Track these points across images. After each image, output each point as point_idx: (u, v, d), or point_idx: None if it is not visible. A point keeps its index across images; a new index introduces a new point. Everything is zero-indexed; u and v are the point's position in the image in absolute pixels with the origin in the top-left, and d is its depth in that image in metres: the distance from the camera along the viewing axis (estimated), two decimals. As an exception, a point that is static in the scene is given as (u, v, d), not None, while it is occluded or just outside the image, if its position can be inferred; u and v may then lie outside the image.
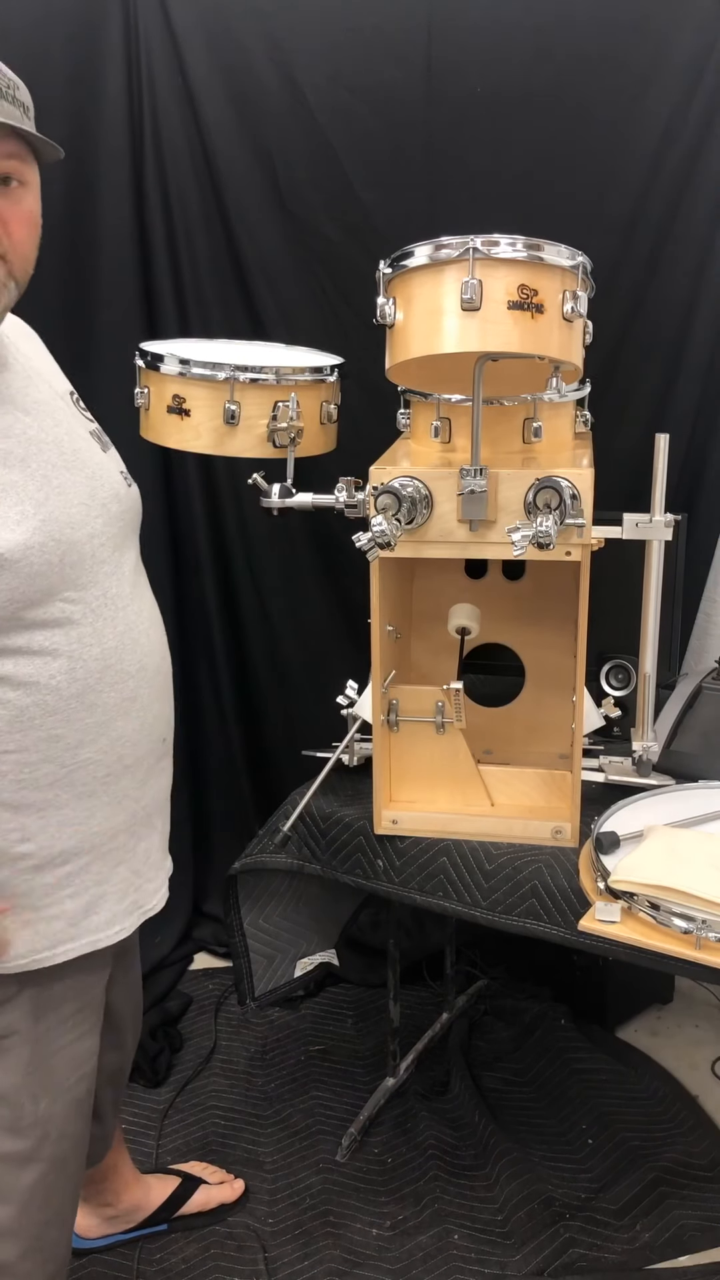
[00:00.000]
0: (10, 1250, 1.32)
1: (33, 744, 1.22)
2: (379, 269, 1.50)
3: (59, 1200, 1.37)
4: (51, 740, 1.24)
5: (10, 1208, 1.31)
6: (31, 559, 1.18)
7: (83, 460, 1.30)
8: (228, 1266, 1.83)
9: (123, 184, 2.34)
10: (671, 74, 2.13)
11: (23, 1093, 1.29)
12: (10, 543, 1.17)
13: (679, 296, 2.24)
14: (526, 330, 1.44)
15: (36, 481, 1.22)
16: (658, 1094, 2.20)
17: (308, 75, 2.26)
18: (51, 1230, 1.37)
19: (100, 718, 1.27)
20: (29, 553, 1.18)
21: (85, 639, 1.25)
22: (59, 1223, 1.39)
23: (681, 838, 1.49)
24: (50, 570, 1.20)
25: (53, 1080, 1.32)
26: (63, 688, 1.23)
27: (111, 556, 1.30)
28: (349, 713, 1.87)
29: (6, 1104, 1.29)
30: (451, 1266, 1.82)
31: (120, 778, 1.31)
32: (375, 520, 1.50)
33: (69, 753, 1.25)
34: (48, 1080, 1.32)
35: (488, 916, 1.67)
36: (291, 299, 2.40)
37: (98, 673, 1.26)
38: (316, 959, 2.33)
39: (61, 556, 1.22)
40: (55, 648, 1.22)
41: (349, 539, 1.52)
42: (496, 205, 2.22)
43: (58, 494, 1.24)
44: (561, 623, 1.83)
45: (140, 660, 1.32)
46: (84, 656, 1.25)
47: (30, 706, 1.21)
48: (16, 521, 1.18)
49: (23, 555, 1.17)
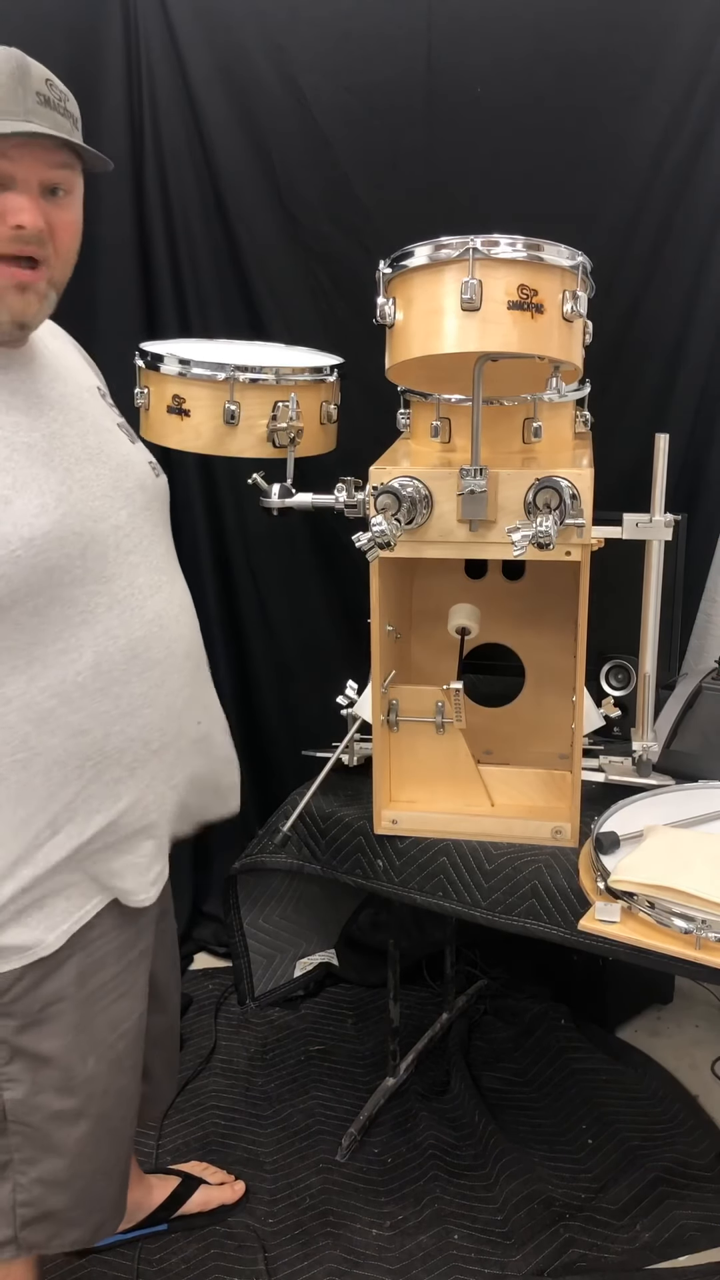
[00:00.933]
0: (61, 1199, 1.38)
1: (61, 742, 1.24)
2: (379, 269, 1.50)
3: (106, 1153, 1.43)
4: (79, 735, 1.25)
5: (62, 1160, 1.37)
6: (51, 552, 1.19)
7: (107, 453, 1.32)
8: (228, 1266, 1.83)
9: (123, 184, 2.34)
10: (671, 74, 2.13)
11: (72, 1053, 1.34)
12: (32, 535, 1.18)
13: (679, 296, 2.24)
14: (526, 330, 1.44)
15: (59, 475, 1.24)
16: (658, 1094, 2.20)
17: (308, 75, 2.26)
18: (99, 1181, 1.43)
19: (126, 708, 1.28)
20: (50, 545, 1.19)
21: (112, 631, 1.26)
22: (106, 1175, 1.44)
23: (681, 838, 1.49)
24: (71, 564, 1.22)
25: (96, 1040, 1.38)
26: (88, 683, 1.24)
27: (139, 546, 1.32)
28: (349, 713, 1.87)
29: (58, 1066, 1.34)
30: (451, 1266, 1.82)
31: (148, 762, 1.33)
32: (375, 520, 1.50)
33: (95, 746, 1.27)
34: (93, 1040, 1.37)
35: (488, 916, 1.67)
36: (291, 299, 2.40)
37: (123, 664, 1.27)
38: (316, 959, 2.34)
39: (84, 549, 1.23)
40: (80, 644, 1.24)
41: (349, 539, 1.52)
42: (496, 205, 2.23)
43: (80, 487, 1.26)
44: (561, 623, 1.83)
45: (168, 646, 1.34)
46: (110, 650, 1.26)
47: (57, 707, 1.23)
48: (36, 514, 1.19)
49: (45, 547, 1.19)
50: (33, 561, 1.18)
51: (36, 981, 1.30)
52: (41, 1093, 1.34)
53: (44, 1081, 1.34)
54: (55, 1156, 1.37)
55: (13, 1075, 1.32)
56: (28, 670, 1.21)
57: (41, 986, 1.30)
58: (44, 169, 1.18)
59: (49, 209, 1.20)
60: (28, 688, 1.21)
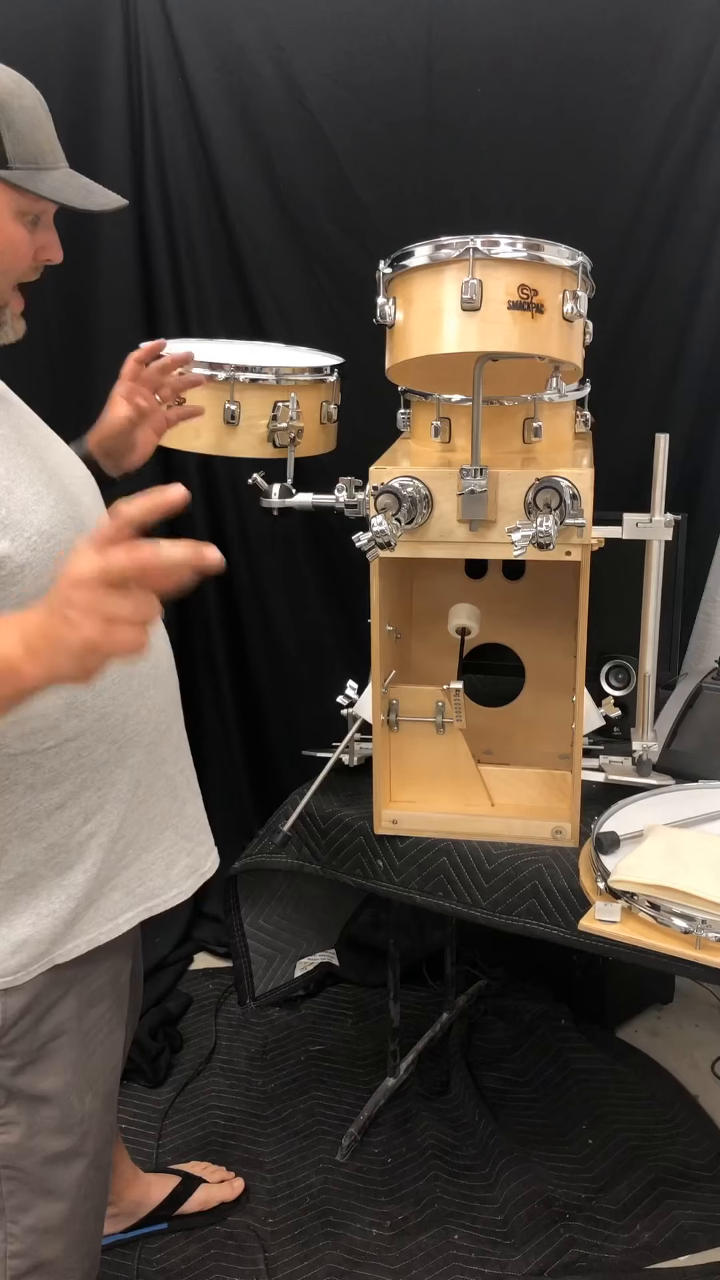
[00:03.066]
0: (57, 1247, 1.34)
1: (88, 726, 1.25)
2: (379, 269, 1.50)
3: (98, 1192, 1.40)
4: (102, 719, 1.26)
5: (62, 1204, 1.33)
6: (59, 535, 1.20)
7: (53, 441, 1.34)
8: (228, 1266, 1.83)
9: (123, 184, 2.34)
10: (671, 74, 2.13)
11: (70, 1092, 1.31)
12: (40, 521, 1.19)
13: (679, 296, 2.24)
14: (526, 330, 1.44)
15: (38, 463, 1.24)
16: (658, 1094, 2.20)
17: (308, 75, 2.26)
18: (90, 1222, 1.40)
19: (137, 688, 1.30)
20: (56, 529, 1.20)
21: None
22: (96, 1215, 1.41)
23: (681, 838, 1.49)
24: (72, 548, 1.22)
25: (93, 1076, 1.35)
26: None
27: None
28: (349, 713, 1.87)
29: (56, 1104, 1.30)
30: (451, 1266, 1.82)
31: (160, 744, 1.35)
32: (375, 520, 1.50)
33: (118, 728, 1.28)
34: (90, 1076, 1.34)
35: (488, 916, 1.67)
36: (291, 299, 2.41)
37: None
38: (316, 959, 2.34)
39: (77, 534, 1.24)
40: None
41: (349, 539, 1.52)
42: (496, 205, 2.23)
43: (55, 473, 1.27)
44: (561, 623, 1.83)
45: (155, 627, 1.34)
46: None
47: (80, 691, 1.24)
48: (35, 502, 1.20)
49: (52, 532, 1.20)
50: (46, 547, 1.19)
51: (38, 1018, 1.27)
52: (38, 1134, 1.29)
53: (41, 1123, 1.30)
54: (53, 1200, 1.32)
55: (8, 1118, 1.28)
56: None
57: (43, 1023, 1.28)
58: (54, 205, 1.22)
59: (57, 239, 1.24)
60: None
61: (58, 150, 1.20)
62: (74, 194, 1.18)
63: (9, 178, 1.14)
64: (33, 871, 1.24)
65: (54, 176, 1.17)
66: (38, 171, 1.16)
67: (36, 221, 1.20)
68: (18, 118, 1.13)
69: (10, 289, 1.21)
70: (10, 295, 1.22)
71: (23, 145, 1.14)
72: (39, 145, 1.16)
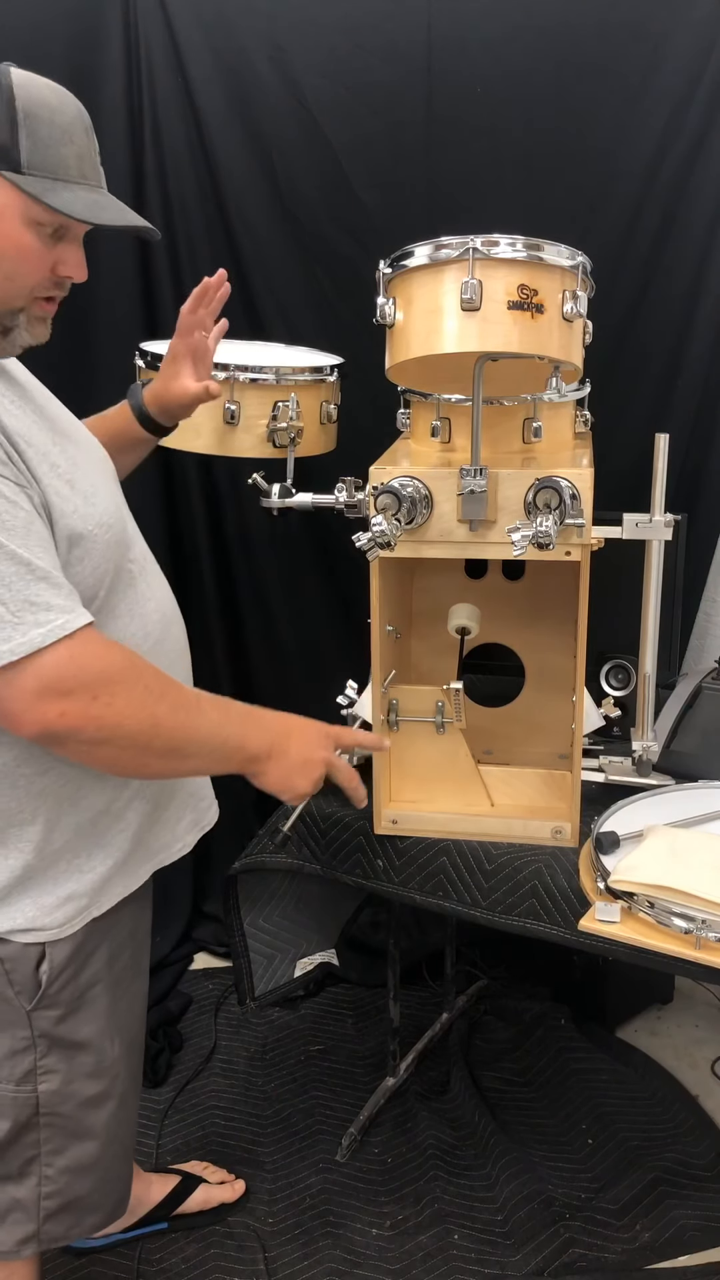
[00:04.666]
0: (86, 1184, 1.41)
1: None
2: (379, 269, 1.50)
3: (125, 1133, 1.49)
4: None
5: (93, 1144, 1.41)
6: (114, 526, 1.28)
7: (81, 433, 1.39)
8: (228, 1266, 1.83)
9: (123, 185, 2.34)
10: (671, 74, 2.13)
11: (104, 1037, 1.39)
12: (99, 513, 1.26)
13: (679, 296, 2.24)
14: (526, 330, 1.44)
15: (77, 456, 1.29)
16: (658, 1094, 2.20)
17: (308, 75, 2.26)
18: (118, 1163, 1.47)
19: (165, 663, 1.34)
20: (110, 519, 1.28)
21: (144, 594, 1.35)
22: (123, 1154, 1.49)
23: (681, 838, 1.49)
24: (121, 535, 1.31)
25: (121, 1022, 1.43)
26: (140, 644, 1.32)
27: (129, 515, 1.40)
28: (349, 713, 1.87)
29: (92, 1050, 1.39)
30: (451, 1266, 1.82)
31: None
32: (375, 520, 1.50)
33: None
34: (119, 1022, 1.42)
35: (488, 916, 1.67)
36: (291, 299, 2.41)
37: (158, 623, 1.37)
38: (316, 959, 2.33)
39: (123, 521, 1.33)
40: (130, 608, 1.32)
41: (349, 539, 1.52)
42: (496, 205, 2.23)
43: (90, 465, 1.32)
44: (561, 623, 1.83)
45: (174, 606, 1.44)
46: (147, 611, 1.35)
47: None
48: (92, 493, 1.26)
49: (109, 523, 1.27)
50: (106, 538, 1.26)
51: (79, 968, 1.35)
52: (75, 1080, 1.38)
53: (78, 1068, 1.38)
54: (86, 1141, 1.40)
55: (49, 1067, 1.36)
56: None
57: (83, 973, 1.36)
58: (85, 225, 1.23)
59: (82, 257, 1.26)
60: None
61: (88, 169, 1.20)
62: (80, 207, 1.18)
63: (20, 183, 1.14)
64: (79, 836, 1.32)
65: (72, 192, 1.17)
66: (54, 183, 1.16)
67: (61, 236, 1.20)
68: (43, 129, 1.14)
69: (26, 297, 1.21)
70: (27, 302, 1.21)
71: (41, 155, 1.14)
72: (62, 159, 1.16)
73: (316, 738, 1.41)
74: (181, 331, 1.57)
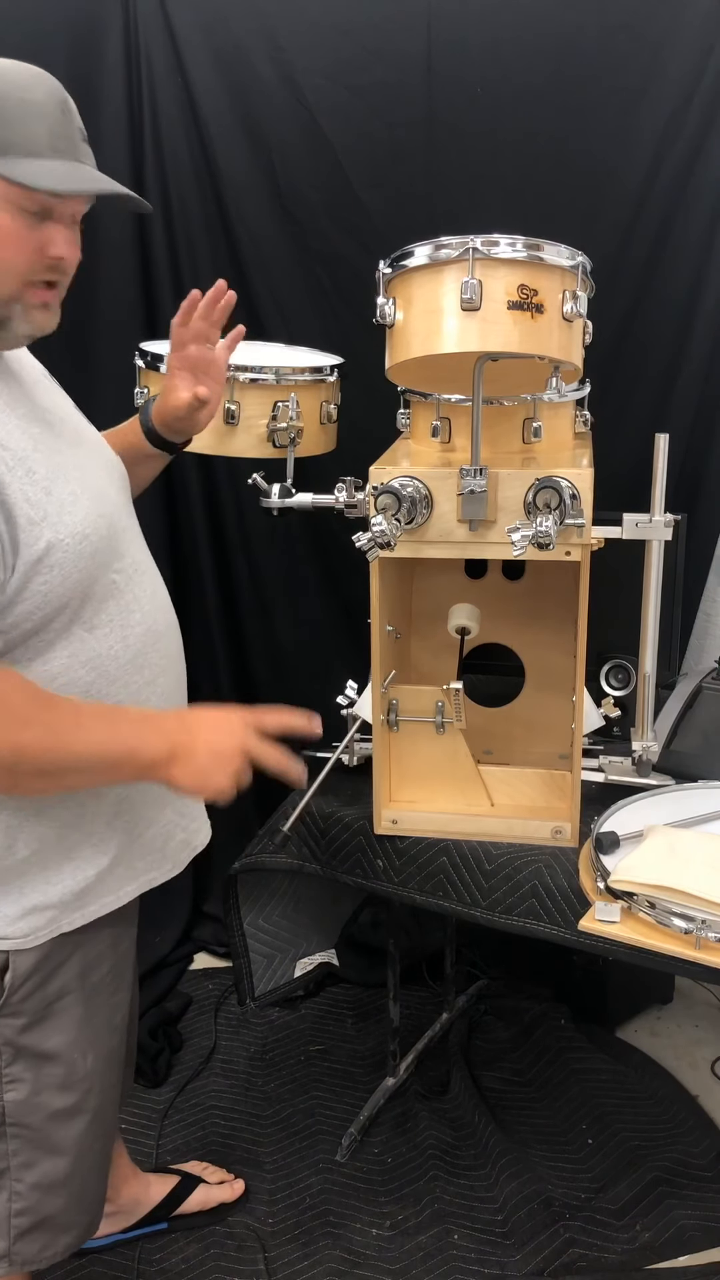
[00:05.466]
0: (58, 1202, 1.39)
1: None
2: (379, 269, 1.50)
3: (99, 1149, 1.44)
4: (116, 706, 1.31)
5: (64, 1160, 1.38)
6: (92, 535, 1.24)
7: (84, 434, 1.36)
8: (228, 1266, 1.83)
9: (123, 184, 2.33)
10: (671, 75, 2.13)
11: (74, 1049, 1.36)
12: (75, 522, 1.22)
13: (679, 296, 2.24)
14: (526, 330, 1.44)
15: (70, 460, 1.27)
16: (658, 1094, 2.20)
17: (308, 75, 2.26)
18: (92, 1180, 1.44)
19: (149, 677, 1.33)
20: (89, 529, 1.24)
21: (129, 606, 1.32)
22: (98, 1173, 1.46)
23: (681, 838, 1.49)
24: (104, 544, 1.27)
25: (96, 1035, 1.40)
26: (120, 655, 1.30)
27: (130, 524, 1.38)
28: (349, 713, 1.87)
29: (61, 1062, 1.35)
30: (451, 1266, 1.82)
31: None
32: (375, 520, 1.50)
33: None
34: (93, 1035, 1.39)
35: (488, 916, 1.67)
36: (291, 299, 2.40)
37: (142, 636, 1.33)
38: (316, 959, 2.33)
39: (109, 529, 1.29)
40: (110, 619, 1.29)
41: (349, 539, 1.52)
42: (496, 205, 2.23)
43: (84, 470, 1.29)
44: (561, 623, 1.83)
45: (166, 618, 1.40)
46: (130, 623, 1.32)
47: (96, 680, 1.28)
48: (71, 501, 1.23)
49: (86, 533, 1.23)
50: (79, 548, 1.22)
51: (45, 978, 1.32)
52: (43, 1091, 1.34)
53: (45, 1080, 1.34)
54: (55, 1156, 1.37)
55: (15, 1076, 1.33)
56: (68, 647, 1.25)
57: (49, 983, 1.33)
58: (80, 203, 1.22)
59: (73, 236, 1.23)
60: (70, 663, 1.25)
61: (63, 144, 1.16)
62: (51, 179, 1.14)
63: None
64: (45, 848, 1.29)
65: (41, 164, 1.13)
66: (23, 159, 1.12)
67: (46, 217, 1.17)
68: (11, 108, 1.11)
69: (17, 283, 1.18)
70: (18, 288, 1.18)
71: (9, 132, 1.11)
72: (32, 134, 1.13)
73: (228, 728, 1.31)
74: (174, 345, 1.52)
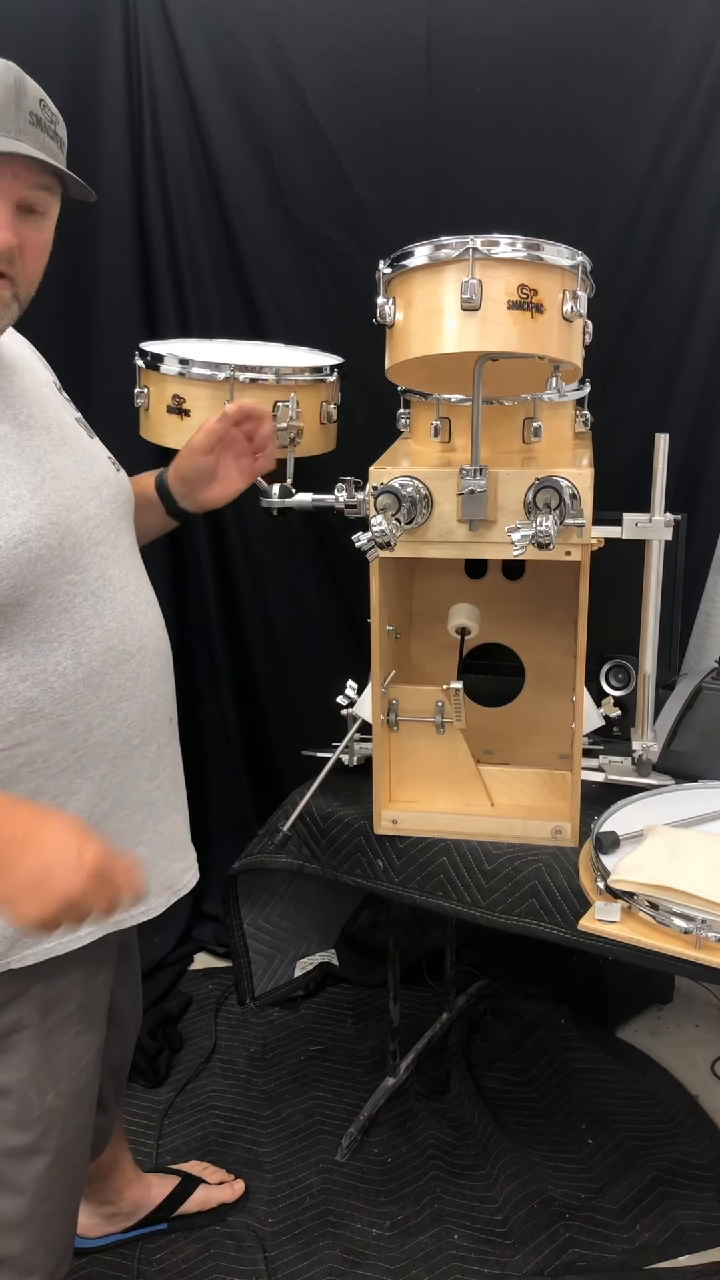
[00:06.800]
0: (16, 1244, 1.33)
1: (44, 733, 1.23)
2: (379, 269, 1.50)
3: (63, 1191, 1.38)
4: (61, 727, 1.24)
5: (19, 1200, 1.32)
6: (31, 543, 1.19)
7: (71, 444, 1.33)
8: (228, 1266, 1.83)
9: (123, 184, 2.34)
10: (671, 74, 2.13)
11: (29, 1086, 1.30)
12: (11, 526, 1.18)
13: (679, 297, 2.24)
14: (526, 330, 1.44)
15: (31, 465, 1.23)
16: (658, 1094, 2.20)
17: (308, 75, 2.26)
18: (55, 1223, 1.38)
19: (106, 700, 1.28)
20: (29, 535, 1.19)
21: (88, 621, 1.26)
22: (62, 1215, 1.39)
23: (681, 838, 1.49)
24: (51, 553, 1.22)
25: (57, 1074, 1.33)
26: (69, 673, 1.24)
27: (107, 538, 1.32)
28: (349, 713, 1.87)
29: (12, 1098, 1.29)
30: (451, 1266, 1.82)
31: (131, 758, 1.32)
32: (375, 520, 1.50)
33: (79, 738, 1.26)
34: (53, 1074, 1.33)
35: (487, 916, 1.67)
36: (291, 299, 2.40)
37: (101, 655, 1.27)
38: (316, 959, 2.33)
39: (61, 539, 1.23)
40: (60, 633, 1.24)
41: (349, 539, 1.52)
42: (496, 205, 2.23)
43: (53, 477, 1.25)
44: (561, 623, 1.83)
45: (140, 640, 1.33)
46: (87, 640, 1.26)
47: (39, 696, 1.22)
48: (13, 505, 1.19)
49: (24, 538, 1.19)
50: (14, 553, 1.18)
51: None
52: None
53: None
54: (11, 1195, 1.31)
55: None
56: (8, 659, 1.20)
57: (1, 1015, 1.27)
58: (23, 188, 1.17)
59: (21, 227, 1.19)
60: (8, 676, 1.20)
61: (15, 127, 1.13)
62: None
63: None
64: None
65: None
66: None
67: None
68: None
69: None
70: None
71: None
72: None
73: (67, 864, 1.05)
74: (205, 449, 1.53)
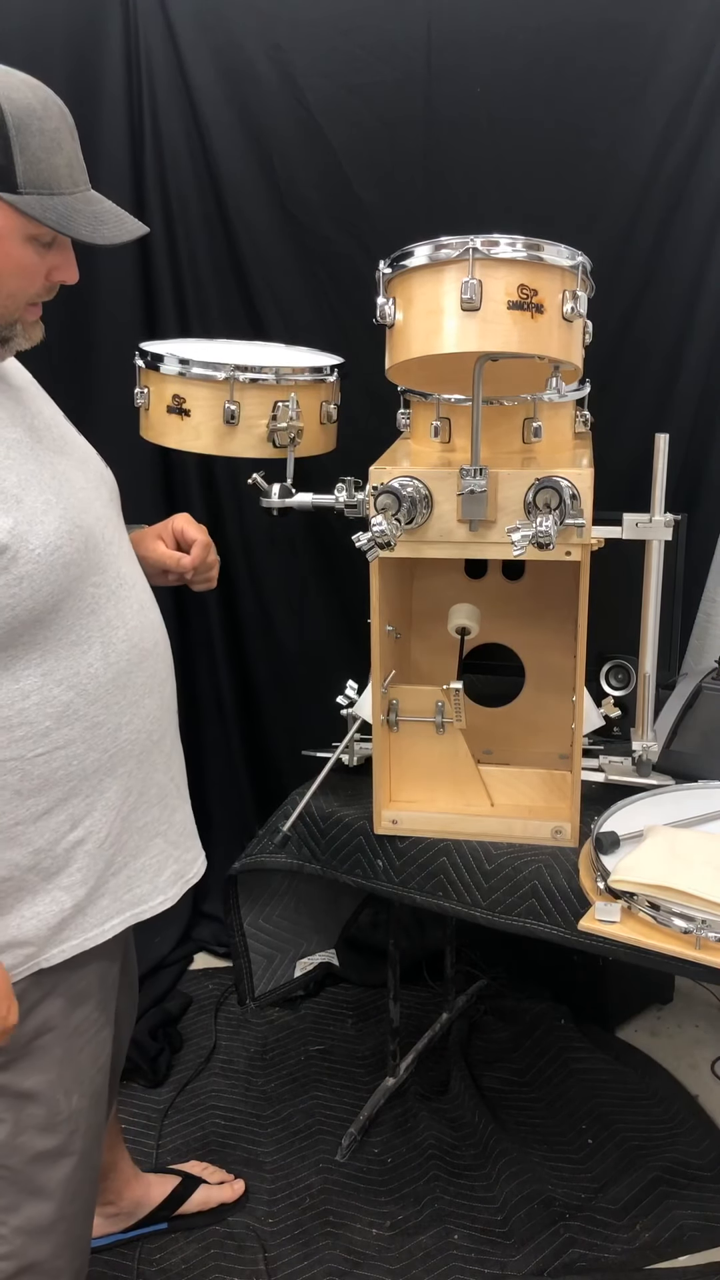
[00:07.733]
0: (45, 1248, 1.33)
1: (79, 735, 1.25)
2: (379, 269, 1.50)
3: (86, 1192, 1.40)
4: (95, 728, 1.26)
5: (49, 1204, 1.32)
6: (64, 547, 1.21)
7: (71, 444, 1.34)
8: (228, 1266, 1.83)
9: (123, 184, 2.34)
10: (671, 74, 2.13)
11: (57, 1089, 1.31)
12: (46, 533, 1.19)
13: (679, 296, 2.24)
14: (526, 330, 1.44)
15: (47, 469, 1.24)
16: (658, 1094, 2.20)
17: (308, 75, 2.26)
18: (79, 1223, 1.39)
19: (132, 698, 1.30)
20: (62, 540, 1.21)
21: (113, 622, 1.28)
22: (85, 1216, 1.41)
23: (681, 838, 1.49)
24: (80, 556, 1.24)
25: (81, 1074, 1.35)
26: (100, 674, 1.26)
27: (115, 537, 1.34)
28: (349, 713, 1.87)
29: (42, 1102, 1.30)
30: (451, 1266, 1.82)
31: (152, 753, 1.35)
32: (375, 520, 1.50)
33: (110, 737, 1.28)
34: (78, 1075, 1.34)
35: (488, 916, 1.67)
36: (291, 299, 2.41)
37: (126, 654, 1.29)
38: (316, 959, 2.33)
39: (85, 541, 1.25)
40: (89, 635, 1.26)
41: (349, 539, 1.52)
42: (496, 205, 2.23)
43: (65, 480, 1.26)
44: (561, 623, 1.83)
45: (154, 636, 1.36)
46: (113, 640, 1.28)
47: (75, 699, 1.24)
48: (43, 511, 1.20)
49: (58, 544, 1.20)
50: (51, 559, 1.19)
51: (22, 1017, 1.25)
52: (24, 1132, 1.29)
53: (27, 1120, 1.29)
54: (41, 1200, 1.32)
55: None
56: (42, 664, 1.22)
57: (27, 1021, 1.27)
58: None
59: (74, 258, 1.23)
60: (44, 681, 1.22)
61: (77, 174, 1.18)
62: (82, 225, 1.16)
63: (18, 204, 1.12)
64: (17, 877, 1.24)
65: (65, 203, 1.15)
66: (49, 197, 1.14)
67: (51, 244, 1.18)
68: (34, 141, 1.12)
69: (23, 307, 1.20)
70: (23, 312, 1.21)
71: (35, 170, 1.12)
72: (54, 170, 1.14)
73: None
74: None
